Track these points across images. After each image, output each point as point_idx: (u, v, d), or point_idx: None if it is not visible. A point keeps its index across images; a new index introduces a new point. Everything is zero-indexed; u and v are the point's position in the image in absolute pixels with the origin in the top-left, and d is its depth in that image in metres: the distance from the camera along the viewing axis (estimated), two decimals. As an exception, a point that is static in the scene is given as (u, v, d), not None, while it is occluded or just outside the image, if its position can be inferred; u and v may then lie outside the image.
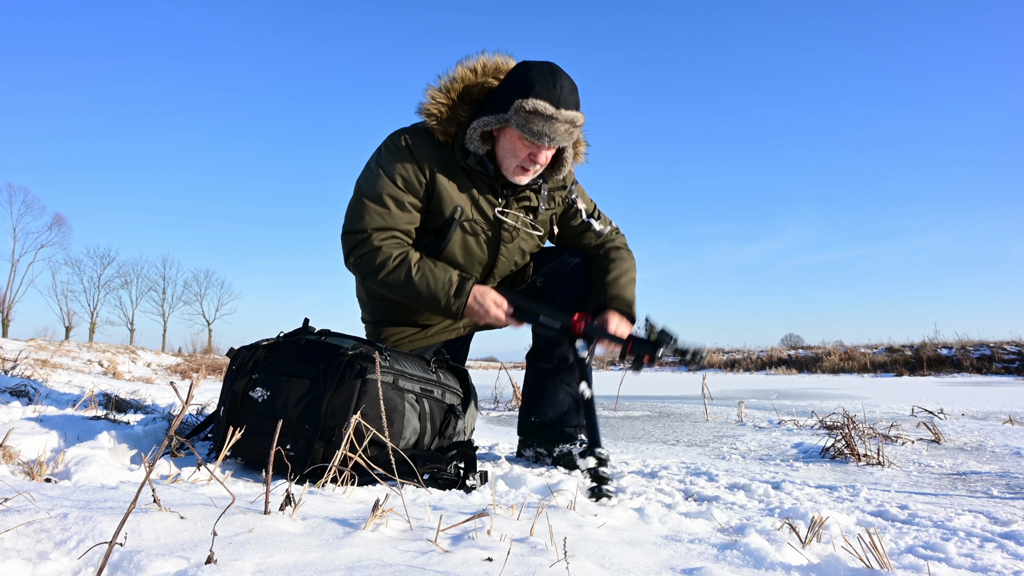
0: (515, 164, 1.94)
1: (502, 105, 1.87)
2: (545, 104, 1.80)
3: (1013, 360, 15.07)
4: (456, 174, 1.98)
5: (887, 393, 7.48)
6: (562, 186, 2.14)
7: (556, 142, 1.88)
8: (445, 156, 1.97)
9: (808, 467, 2.16)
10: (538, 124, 1.82)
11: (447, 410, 1.72)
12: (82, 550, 0.84)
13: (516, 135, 1.88)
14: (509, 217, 2.04)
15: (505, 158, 1.95)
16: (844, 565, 1.01)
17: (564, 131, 1.86)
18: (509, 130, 1.90)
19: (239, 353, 1.66)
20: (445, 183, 1.96)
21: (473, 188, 2.00)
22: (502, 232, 2.05)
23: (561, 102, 1.82)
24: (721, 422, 3.67)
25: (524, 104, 1.81)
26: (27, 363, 5.71)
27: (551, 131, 1.84)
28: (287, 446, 1.47)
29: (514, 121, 1.84)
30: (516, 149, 1.91)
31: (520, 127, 1.84)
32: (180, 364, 10.96)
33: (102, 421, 2.05)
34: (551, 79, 1.83)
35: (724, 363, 20.26)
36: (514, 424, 3.43)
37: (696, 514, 1.40)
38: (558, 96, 1.82)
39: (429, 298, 1.92)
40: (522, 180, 1.98)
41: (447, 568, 0.87)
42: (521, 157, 1.92)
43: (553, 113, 1.81)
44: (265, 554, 0.86)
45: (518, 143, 1.90)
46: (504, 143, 1.93)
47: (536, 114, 1.81)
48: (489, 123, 1.89)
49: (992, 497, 1.72)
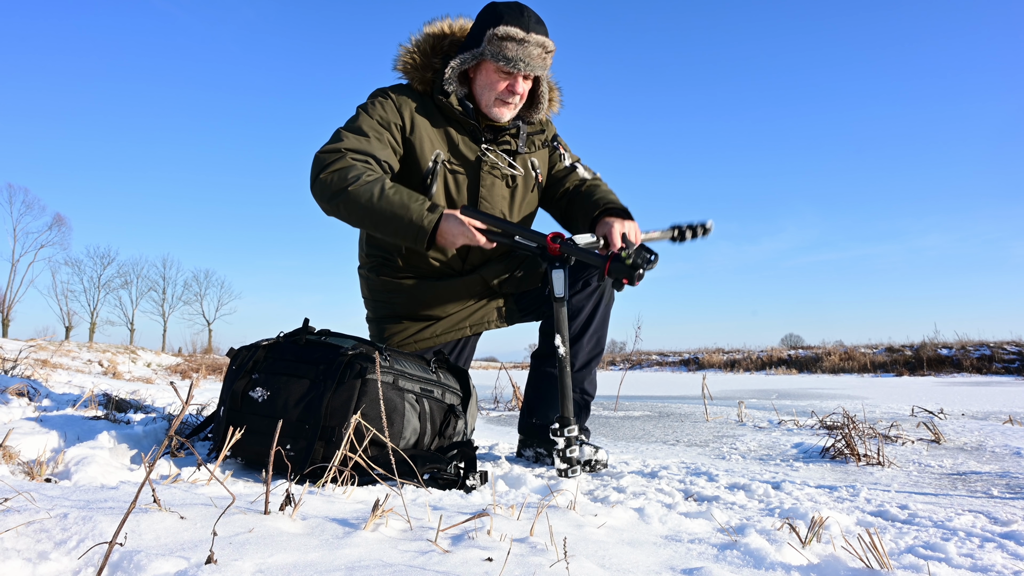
0: (493, 97, 2.00)
1: (475, 41, 1.97)
2: (516, 29, 1.91)
3: (1013, 360, 15.07)
4: (436, 120, 2.04)
5: (887, 393, 7.48)
6: (540, 130, 2.19)
7: (531, 67, 1.96)
8: (425, 104, 2.04)
9: (808, 467, 2.16)
10: (511, 49, 1.92)
11: (447, 410, 1.72)
12: (82, 550, 0.84)
13: (492, 67, 1.97)
14: (489, 157, 2.06)
15: (483, 94, 2.01)
16: (844, 565, 1.01)
17: (538, 55, 1.95)
18: (485, 64, 1.98)
19: (239, 353, 1.66)
20: (425, 128, 2.01)
21: (453, 132, 2.04)
22: (482, 174, 2.07)
23: (530, 28, 1.93)
24: (721, 422, 3.66)
25: (496, 31, 1.91)
26: (27, 363, 5.70)
27: (525, 55, 1.93)
28: (287, 446, 1.47)
29: (488, 52, 1.93)
30: (493, 82, 1.99)
31: (494, 56, 1.93)
32: (180, 364, 10.96)
33: (102, 421, 2.05)
34: (518, 9, 1.95)
35: (724, 363, 20.26)
36: (514, 424, 3.43)
37: (696, 514, 1.40)
38: (526, 23, 1.93)
39: (398, 211, 1.79)
40: (503, 114, 2.03)
41: (447, 568, 0.87)
42: (499, 89, 1.99)
43: (524, 36, 1.91)
44: (265, 554, 0.86)
45: (494, 75, 1.98)
46: (481, 80, 2.01)
47: (509, 39, 1.91)
48: (465, 60, 1.98)
49: (992, 497, 1.72)
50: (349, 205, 1.81)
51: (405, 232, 1.81)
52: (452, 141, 2.04)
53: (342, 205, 1.82)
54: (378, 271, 2.17)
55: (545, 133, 2.20)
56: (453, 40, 2.07)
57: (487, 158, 2.06)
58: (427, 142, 2.01)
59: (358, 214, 1.82)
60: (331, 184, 1.82)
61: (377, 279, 2.17)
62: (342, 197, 1.81)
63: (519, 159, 2.14)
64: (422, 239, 1.80)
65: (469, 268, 2.16)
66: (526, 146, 2.14)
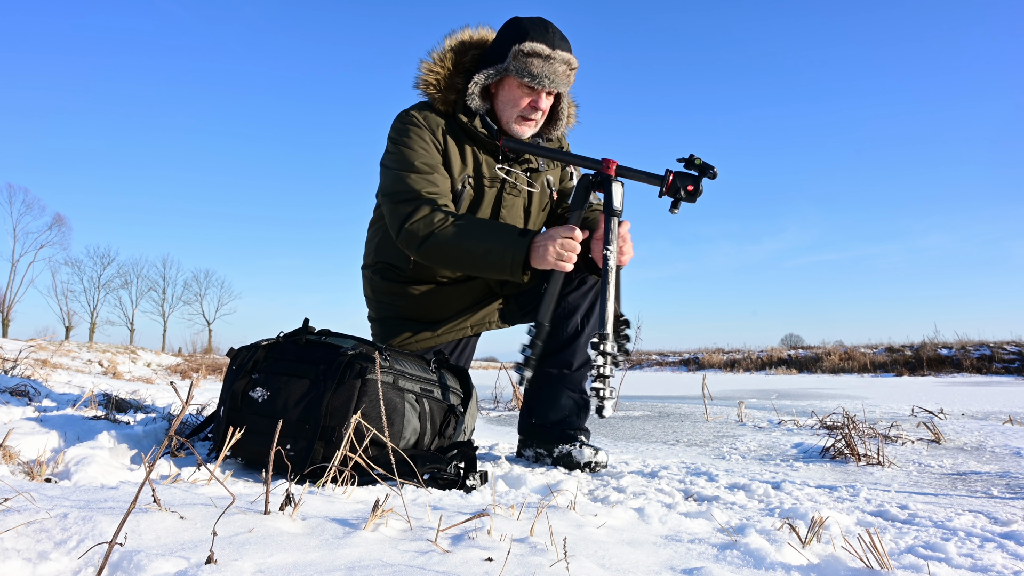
0: (516, 114, 1.99)
1: (498, 57, 1.94)
2: (542, 46, 1.87)
3: (1013, 360, 15.07)
4: (460, 139, 2.03)
5: (887, 393, 7.48)
6: (558, 147, 2.19)
7: (555, 84, 1.94)
8: (449, 124, 2.02)
9: (808, 467, 2.15)
10: (536, 65, 1.89)
11: (447, 410, 1.72)
12: (82, 550, 0.84)
13: (515, 83, 1.95)
14: (511, 176, 2.06)
15: (505, 110, 1.99)
16: (844, 565, 1.01)
17: (563, 72, 1.93)
18: (508, 80, 1.96)
19: (239, 353, 1.66)
20: (452, 148, 2.01)
21: (477, 151, 2.04)
22: (503, 193, 2.07)
23: (556, 45, 1.90)
24: (721, 422, 3.66)
25: (522, 47, 1.87)
26: (27, 363, 5.70)
27: (550, 71, 1.90)
28: (287, 446, 1.47)
29: (513, 67, 1.91)
30: (516, 98, 1.96)
31: (519, 72, 1.90)
32: (180, 364, 10.96)
33: (102, 421, 2.05)
34: (543, 26, 1.92)
35: (724, 363, 20.26)
36: (514, 424, 3.43)
37: (696, 514, 1.40)
38: (552, 39, 1.90)
39: (494, 239, 1.80)
40: (524, 131, 2.02)
41: (447, 568, 0.87)
42: (522, 106, 1.97)
43: (550, 53, 1.88)
44: (265, 554, 0.86)
45: (517, 91, 1.96)
46: (503, 95, 1.99)
47: (534, 55, 1.88)
48: (489, 75, 1.95)
49: (992, 497, 1.72)
50: (438, 245, 1.83)
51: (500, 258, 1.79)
52: (476, 160, 2.03)
53: (432, 251, 1.85)
54: (383, 274, 2.17)
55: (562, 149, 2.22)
56: (474, 54, 2.04)
57: (508, 178, 2.06)
58: (455, 162, 2.01)
59: (448, 255, 1.84)
60: (420, 229, 1.85)
61: (382, 282, 2.17)
62: (430, 239, 1.84)
63: (536, 177, 2.14)
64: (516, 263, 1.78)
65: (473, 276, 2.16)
66: (545, 164, 2.14)
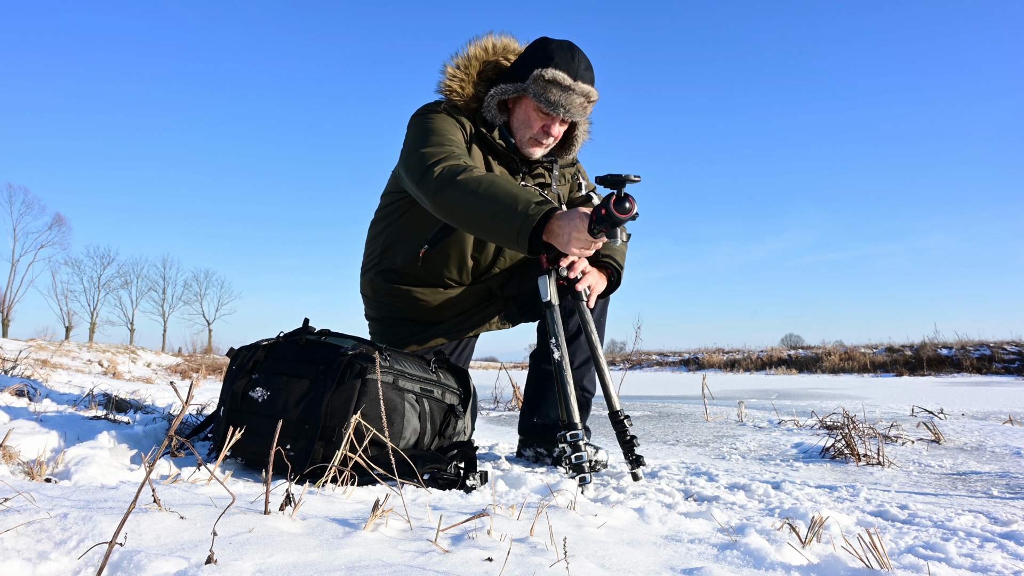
0: (528, 136, 1.98)
1: (520, 75, 1.91)
2: (564, 75, 1.85)
3: (1013, 360, 15.08)
4: (480, 148, 2.02)
5: (887, 393, 7.48)
6: (571, 163, 2.20)
7: (571, 114, 1.92)
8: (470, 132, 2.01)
9: (808, 467, 2.15)
10: (555, 94, 1.87)
11: (447, 410, 1.72)
12: (82, 550, 0.84)
13: (532, 105, 1.93)
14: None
15: (519, 129, 1.99)
16: (844, 565, 1.01)
17: (579, 104, 1.91)
18: (525, 100, 1.94)
19: (239, 353, 1.65)
20: (477, 153, 2.00)
21: (493, 163, 2.03)
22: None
23: (578, 75, 1.87)
24: (721, 422, 3.66)
25: (543, 73, 1.85)
26: (27, 363, 5.70)
27: (567, 102, 1.88)
28: (287, 446, 1.47)
29: (532, 90, 1.89)
30: (531, 120, 1.95)
31: (537, 96, 1.88)
32: (180, 364, 10.96)
33: (102, 421, 2.05)
34: (569, 53, 1.88)
35: (724, 363, 20.26)
36: (514, 424, 3.43)
37: (696, 514, 1.40)
38: (575, 69, 1.87)
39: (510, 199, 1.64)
40: (535, 153, 2.01)
41: (447, 568, 0.87)
42: (535, 129, 1.96)
43: (571, 84, 1.86)
44: (265, 554, 0.86)
45: (533, 114, 1.94)
46: (519, 114, 1.97)
47: (554, 84, 1.86)
48: (507, 91, 1.93)
49: (992, 497, 1.72)
50: (459, 192, 1.70)
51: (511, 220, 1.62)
52: (491, 170, 2.02)
53: (450, 196, 1.71)
54: (386, 276, 2.16)
55: (574, 166, 2.23)
56: (497, 66, 2.02)
57: None
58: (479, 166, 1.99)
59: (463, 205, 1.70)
60: (445, 174, 1.73)
61: (384, 284, 2.16)
62: (451, 186, 1.70)
63: (548, 193, 2.13)
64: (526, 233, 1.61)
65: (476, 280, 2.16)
66: (557, 181, 2.14)
